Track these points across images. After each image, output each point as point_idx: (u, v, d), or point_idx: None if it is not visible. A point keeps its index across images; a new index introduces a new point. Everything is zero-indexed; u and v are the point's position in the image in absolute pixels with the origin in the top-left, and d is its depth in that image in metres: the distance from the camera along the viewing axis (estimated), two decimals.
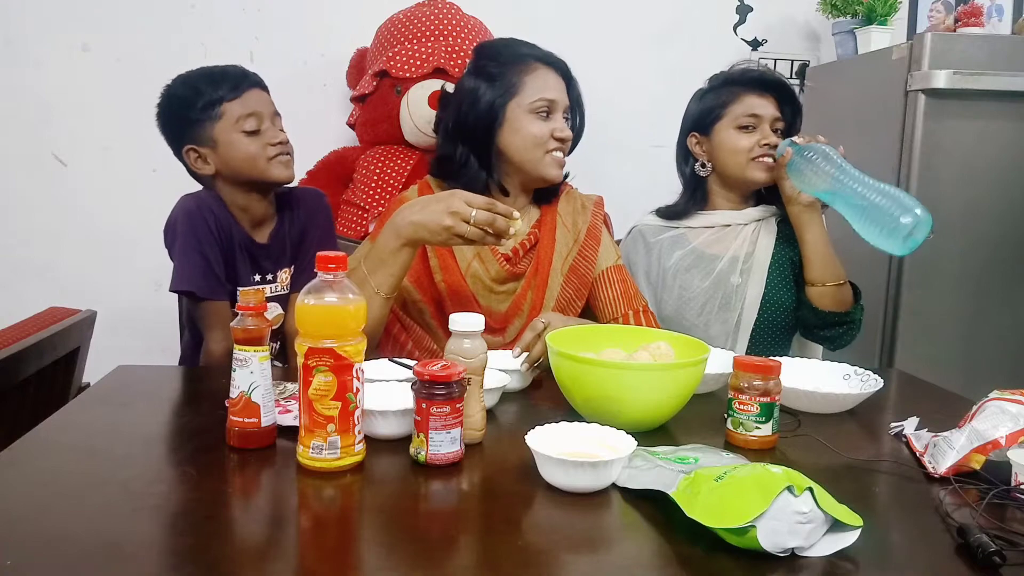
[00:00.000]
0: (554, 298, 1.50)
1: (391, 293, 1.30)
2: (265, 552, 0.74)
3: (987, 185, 2.18)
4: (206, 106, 1.44)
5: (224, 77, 1.46)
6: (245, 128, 1.45)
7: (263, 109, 1.48)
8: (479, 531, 0.81)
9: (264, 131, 1.47)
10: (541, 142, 1.46)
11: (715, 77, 1.72)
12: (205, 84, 1.45)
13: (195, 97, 1.44)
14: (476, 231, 1.21)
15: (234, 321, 0.95)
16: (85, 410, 1.14)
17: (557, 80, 1.49)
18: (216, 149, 1.46)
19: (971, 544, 0.74)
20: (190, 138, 1.46)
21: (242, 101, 1.45)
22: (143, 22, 2.45)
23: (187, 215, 1.42)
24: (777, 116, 1.63)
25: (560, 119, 1.48)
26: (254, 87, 1.49)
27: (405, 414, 0.97)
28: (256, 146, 1.45)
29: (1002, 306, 2.20)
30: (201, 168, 1.48)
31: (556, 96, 1.47)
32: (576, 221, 1.57)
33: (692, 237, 1.71)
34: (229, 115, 1.44)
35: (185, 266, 1.39)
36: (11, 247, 2.47)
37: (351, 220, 2.24)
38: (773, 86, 1.65)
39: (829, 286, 1.56)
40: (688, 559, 0.74)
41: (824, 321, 1.58)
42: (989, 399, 0.99)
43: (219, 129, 1.45)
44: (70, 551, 0.71)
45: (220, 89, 1.44)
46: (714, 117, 1.66)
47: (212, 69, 1.48)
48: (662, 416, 1.08)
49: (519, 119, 1.46)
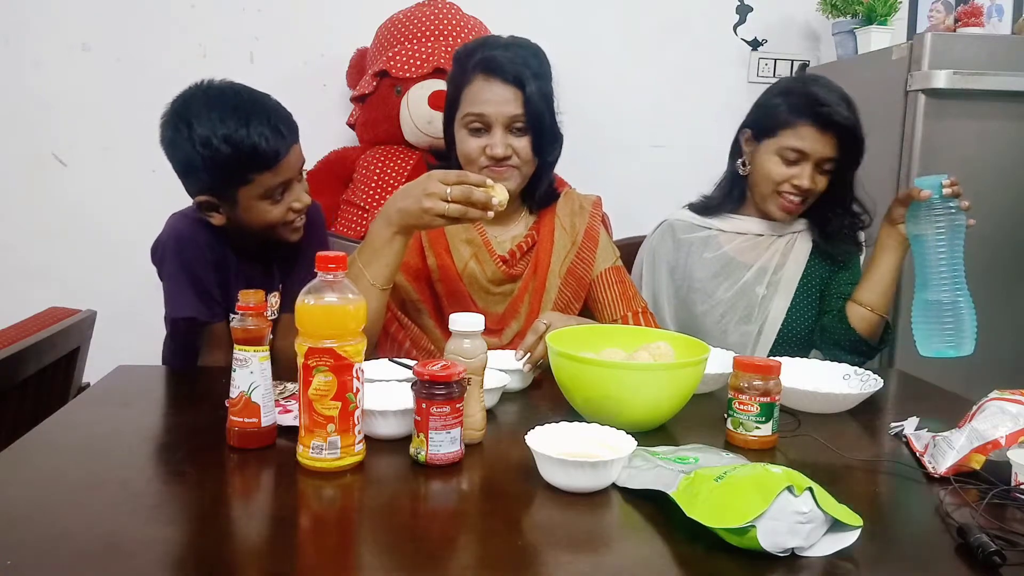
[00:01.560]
0: (552, 300, 1.50)
1: (387, 284, 1.30)
2: (265, 552, 0.74)
3: (987, 185, 2.17)
4: (240, 176, 1.28)
5: (264, 139, 1.26)
6: (272, 197, 1.32)
7: (293, 175, 1.33)
8: (479, 531, 0.81)
9: (289, 193, 1.34)
10: (471, 159, 1.42)
11: (799, 79, 1.60)
12: (243, 147, 1.25)
13: (229, 161, 1.25)
14: (457, 207, 1.20)
15: (234, 321, 0.95)
16: (85, 410, 1.14)
17: (501, 90, 1.39)
18: (235, 208, 1.32)
19: (971, 544, 0.74)
20: (208, 190, 1.31)
21: (277, 171, 1.29)
22: (143, 22, 2.45)
23: (178, 240, 1.33)
24: (828, 157, 1.54)
25: (497, 134, 1.40)
26: (292, 146, 1.32)
27: (405, 414, 0.97)
28: (278, 213, 1.33)
29: (1002, 306, 2.20)
30: (211, 217, 1.34)
31: (489, 109, 1.39)
32: (574, 223, 1.56)
33: (724, 241, 1.67)
34: (259, 184, 1.29)
35: (181, 292, 1.32)
36: (11, 247, 2.47)
37: (351, 220, 2.24)
38: (837, 127, 1.52)
39: (875, 314, 1.53)
40: (688, 559, 0.74)
41: (853, 345, 1.55)
42: (989, 399, 0.99)
43: (243, 193, 1.30)
44: (70, 551, 0.71)
45: (258, 158, 1.27)
46: (768, 130, 1.58)
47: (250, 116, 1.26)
48: (662, 416, 1.08)
49: (457, 134, 1.44)
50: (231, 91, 1.31)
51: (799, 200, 1.58)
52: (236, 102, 1.28)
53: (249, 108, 1.28)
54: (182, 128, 1.27)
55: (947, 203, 1.37)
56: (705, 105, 2.65)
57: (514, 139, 1.41)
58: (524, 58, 1.42)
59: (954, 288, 1.36)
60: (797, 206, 1.59)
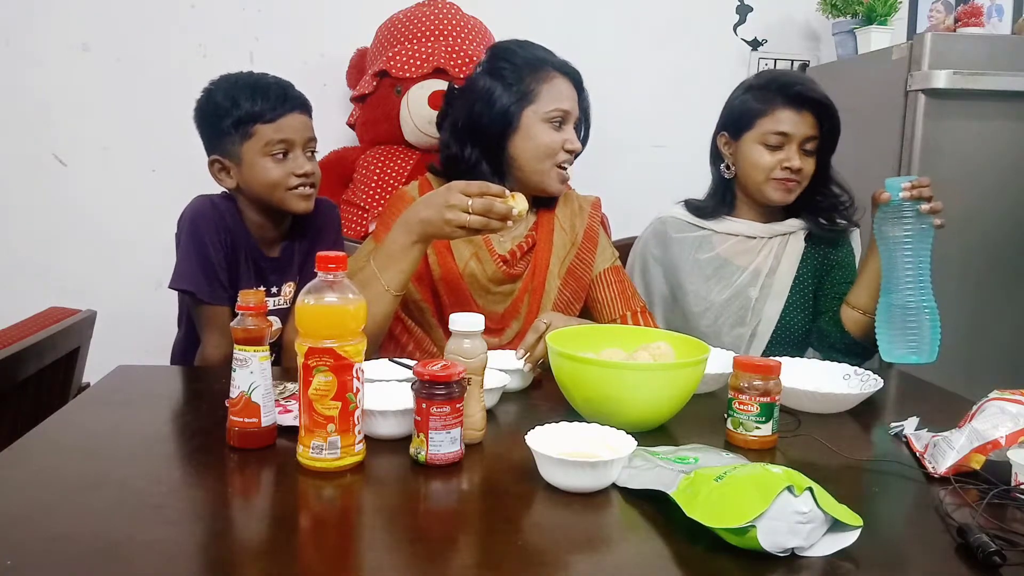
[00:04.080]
0: (551, 301, 1.50)
1: (400, 290, 1.30)
2: (265, 552, 0.74)
3: (987, 185, 2.17)
4: (239, 122, 1.40)
5: (265, 95, 1.41)
6: (273, 153, 1.41)
7: (296, 136, 1.43)
8: (479, 531, 0.81)
9: (291, 159, 1.43)
10: (552, 152, 1.46)
11: (761, 75, 1.64)
12: (245, 98, 1.40)
13: (232, 109, 1.40)
14: (478, 219, 1.21)
15: (234, 321, 0.95)
16: (85, 410, 1.14)
17: (571, 90, 1.48)
18: (240, 167, 1.43)
19: (971, 544, 0.74)
20: (219, 148, 1.44)
21: (277, 125, 1.41)
22: (143, 22, 2.45)
23: (198, 216, 1.40)
24: (810, 135, 1.55)
25: (571, 130, 1.48)
26: (294, 111, 1.44)
27: (405, 414, 0.97)
28: (279, 173, 1.41)
29: (1002, 306, 2.20)
30: (223, 180, 1.46)
31: (570, 107, 1.46)
32: (574, 223, 1.56)
33: (717, 243, 1.67)
34: (260, 137, 1.40)
35: (188, 265, 1.38)
36: (11, 247, 2.47)
37: (351, 220, 2.24)
38: (811, 103, 1.55)
39: (868, 316, 1.52)
40: (688, 559, 0.74)
41: (848, 348, 1.55)
42: (989, 399, 1.00)
43: (247, 148, 1.41)
44: (70, 551, 0.71)
45: (257, 107, 1.40)
46: (743, 125, 1.60)
47: (257, 81, 1.43)
48: (662, 416, 1.08)
49: (533, 127, 1.45)
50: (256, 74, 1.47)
51: (795, 181, 1.58)
52: (256, 76, 1.45)
53: (263, 75, 1.46)
54: (205, 92, 1.45)
55: (914, 206, 1.34)
56: (705, 105, 2.61)
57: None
58: None
59: (919, 293, 1.33)
60: (794, 184, 1.58)
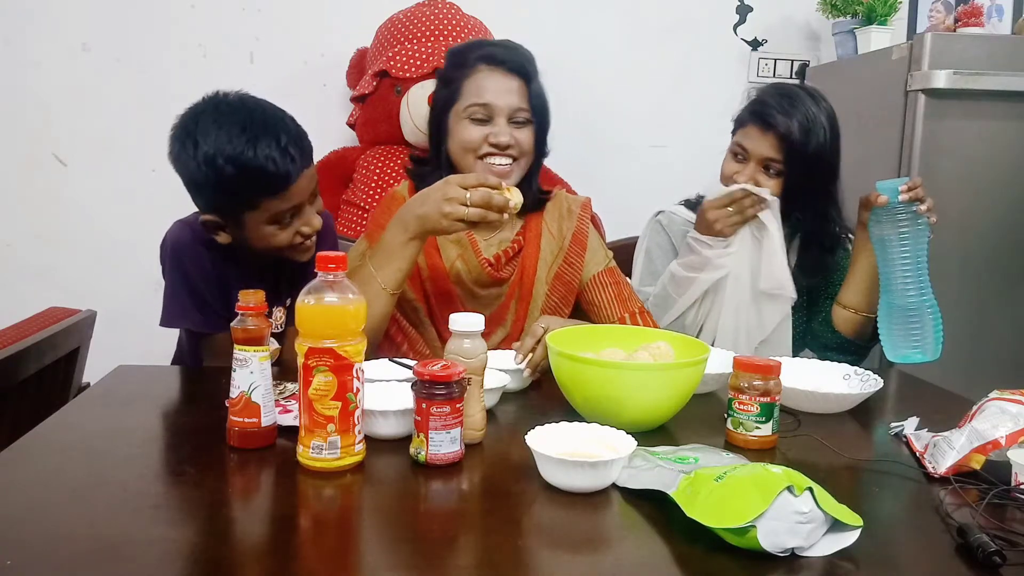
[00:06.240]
0: (539, 307, 1.48)
1: (397, 289, 1.29)
2: (265, 552, 0.74)
3: (987, 185, 2.17)
4: (246, 200, 1.22)
5: (276, 172, 1.19)
6: (280, 220, 1.26)
7: (303, 199, 1.26)
8: (479, 531, 0.81)
9: (297, 218, 1.28)
10: (471, 147, 1.42)
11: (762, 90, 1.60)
12: (253, 175, 1.19)
13: (236, 184, 1.19)
14: (476, 211, 1.21)
15: (234, 321, 0.95)
16: (85, 410, 1.14)
17: (504, 81, 1.41)
18: (241, 230, 1.27)
19: (971, 544, 0.74)
20: (213, 210, 1.26)
21: (285, 197, 1.23)
22: (143, 22, 2.45)
23: (178, 246, 1.30)
24: (771, 158, 1.51)
25: (501, 123, 1.41)
26: (304, 170, 1.25)
27: (405, 414, 0.97)
28: (284, 237, 1.27)
29: (1002, 306, 2.20)
30: (215, 235, 1.28)
31: (493, 99, 1.40)
32: (561, 227, 1.52)
33: None
34: (266, 208, 1.23)
35: (177, 301, 1.31)
36: (11, 247, 2.47)
37: (351, 220, 2.24)
38: (775, 130, 1.49)
39: (860, 315, 1.52)
40: (688, 559, 0.74)
41: (841, 346, 1.56)
42: (989, 399, 1.00)
43: (251, 217, 1.24)
44: (70, 551, 0.71)
45: (270, 187, 1.21)
46: (733, 131, 1.61)
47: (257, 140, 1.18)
48: (662, 416, 1.08)
49: (456, 125, 1.44)
50: (243, 107, 1.23)
51: None
52: (247, 120, 1.20)
53: (259, 127, 1.20)
54: (188, 145, 1.21)
55: (909, 207, 1.35)
56: (705, 105, 2.65)
57: (515, 130, 1.43)
58: (524, 55, 1.46)
59: (919, 292, 1.34)
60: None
